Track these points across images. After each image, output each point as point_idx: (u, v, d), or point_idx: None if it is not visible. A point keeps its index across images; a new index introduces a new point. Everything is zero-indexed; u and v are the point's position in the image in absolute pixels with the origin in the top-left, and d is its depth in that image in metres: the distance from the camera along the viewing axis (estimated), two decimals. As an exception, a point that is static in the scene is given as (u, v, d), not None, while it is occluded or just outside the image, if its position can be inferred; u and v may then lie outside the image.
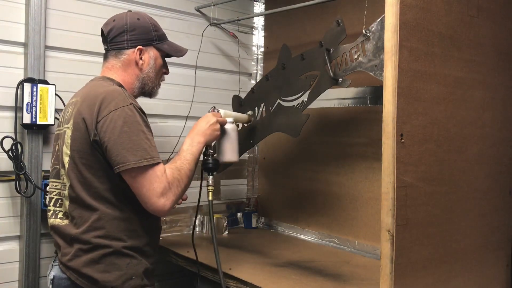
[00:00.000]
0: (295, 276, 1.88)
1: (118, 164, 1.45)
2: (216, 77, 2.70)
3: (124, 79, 1.68)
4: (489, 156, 1.70)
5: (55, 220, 1.59)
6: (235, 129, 1.93)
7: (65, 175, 1.55)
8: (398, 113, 1.36)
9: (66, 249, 1.54)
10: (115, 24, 1.68)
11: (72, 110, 1.59)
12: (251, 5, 2.88)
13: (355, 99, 2.31)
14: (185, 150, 1.63)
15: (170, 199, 1.49)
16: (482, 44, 1.66)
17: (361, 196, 2.27)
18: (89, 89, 1.62)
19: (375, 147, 2.18)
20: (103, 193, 1.52)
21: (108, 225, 1.51)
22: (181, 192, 1.54)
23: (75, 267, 1.50)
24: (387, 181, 1.36)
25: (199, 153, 1.67)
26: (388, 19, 1.38)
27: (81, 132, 1.51)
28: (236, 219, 2.77)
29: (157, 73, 1.75)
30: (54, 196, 1.62)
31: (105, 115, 1.47)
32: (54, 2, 2.11)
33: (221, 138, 1.87)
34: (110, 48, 1.70)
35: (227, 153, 1.89)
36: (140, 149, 1.46)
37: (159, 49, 1.74)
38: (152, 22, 1.74)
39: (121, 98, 1.51)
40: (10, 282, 2.01)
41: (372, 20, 1.69)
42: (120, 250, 1.52)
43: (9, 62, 2.01)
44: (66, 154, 1.55)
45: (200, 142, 1.68)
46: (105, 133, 1.46)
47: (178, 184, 1.52)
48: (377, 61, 1.67)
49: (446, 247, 1.54)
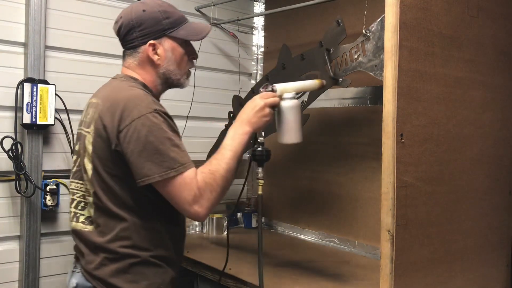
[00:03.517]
0: (295, 276, 1.88)
1: (143, 177, 1.36)
2: (216, 77, 2.70)
3: (145, 78, 1.56)
4: (489, 156, 1.70)
5: (77, 224, 1.51)
6: (294, 106, 1.59)
7: (88, 182, 1.47)
8: (398, 113, 1.36)
9: (90, 256, 1.46)
10: (123, 22, 1.54)
11: (93, 114, 1.48)
12: (251, 5, 2.88)
13: (355, 99, 2.31)
14: (225, 146, 1.47)
15: (203, 205, 1.39)
16: (482, 44, 1.66)
17: (361, 196, 2.27)
18: (110, 91, 1.51)
19: (375, 147, 2.17)
20: (128, 202, 1.44)
21: (135, 235, 1.44)
22: (217, 196, 1.42)
23: (102, 276, 1.43)
24: (387, 181, 1.36)
25: (243, 146, 1.48)
26: (388, 19, 1.38)
27: (102, 140, 1.42)
28: (236, 219, 2.77)
29: (179, 64, 1.58)
30: (77, 198, 1.53)
31: (127, 124, 1.37)
32: (54, 2, 2.11)
33: (278, 118, 1.60)
34: (125, 48, 1.58)
35: (287, 134, 1.61)
36: (167, 159, 1.36)
37: (175, 37, 1.55)
38: (162, 9, 1.54)
39: (144, 104, 1.40)
40: (10, 282, 2.02)
41: (372, 20, 1.69)
42: (147, 259, 1.46)
43: (9, 62, 2.01)
44: (88, 161, 1.46)
45: (244, 133, 1.49)
46: (128, 144, 1.36)
47: (211, 189, 1.40)
48: (377, 61, 1.67)
49: (446, 247, 1.54)
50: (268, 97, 1.55)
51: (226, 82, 2.73)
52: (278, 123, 1.61)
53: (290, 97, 1.58)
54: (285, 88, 1.58)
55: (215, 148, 2.37)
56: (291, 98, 1.58)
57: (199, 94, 2.53)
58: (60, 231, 2.15)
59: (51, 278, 2.12)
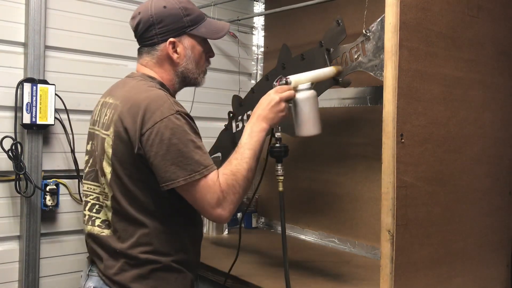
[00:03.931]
0: (295, 276, 1.88)
1: (167, 181, 1.34)
2: (216, 77, 2.70)
3: (162, 76, 1.53)
4: (489, 156, 1.70)
5: (93, 228, 1.49)
6: (311, 96, 1.54)
7: (107, 185, 1.44)
8: (398, 113, 1.36)
9: (110, 261, 1.44)
10: (141, 17, 1.50)
11: (111, 115, 1.44)
12: (251, 5, 2.88)
13: (355, 99, 2.31)
14: (243, 145, 1.44)
15: (226, 208, 1.37)
16: (482, 44, 1.66)
17: (361, 196, 2.27)
18: (129, 91, 1.46)
19: (375, 147, 2.17)
20: (148, 207, 1.41)
21: (155, 241, 1.42)
22: (239, 198, 1.41)
23: (123, 282, 1.41)
24: (387, 181, 1.36)
25: (260, 143, 1.46)
26: (388, 19, 1.38)
27: (123, 143, 1.39)
28: (236, 219, 2.77)
29: (197, 63, 1.56)
30: (91, 201, 1.51)
31: (150, 127, 1.34)
32: (54, 2, 2.11)
33: (295, 111, 1.55)
34: (142, 45, 1.55)
35: (304, 127, 1.55)
36: (191, 162, 1.34)
37: (195, 35, 1.53)
38: (183, 6, 1.51)
39: (166, 106, 1.37)
40: (10, 282, 2.02)
41: (372, 20, 1.69)
42: (169, 264, 1.44)
43: (9, 62, 2.01)
44: (107, 164, 1.43)
45: (261, 130, 1.46)
46: (151, 147, 1.34)
47: (234, 191, 1.38)
48: (377, 61, 1.67)
49: (446, 247, 1.54)
50: (283, 91, 1.51)
51: (226, 82, 2.73)
52: (294, 116, 1.56)
53: (305, 88, 1.54)
54: (299, 79, 1.54)
55: (215, 148, 2.38)
56: (307, 89, 1.53)
57: (199, 94, 2.53)
58: (60, 231, 2.15)
59: (51, 278, 2.12)
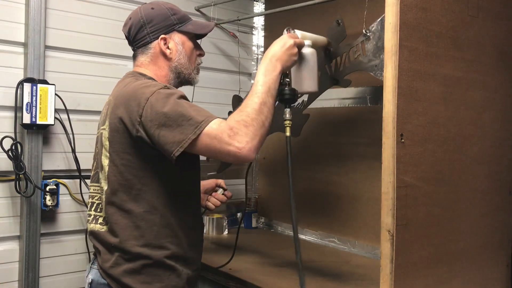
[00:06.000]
0: (295, 276, 1.88)
1: (178, 144, 1.34)
2: (216, 77, 2.70)
3: (157, 73, 1.60)
4: (489, 156, 1.70)
5: (95, 226, 1.54)
6: (314, 53, 1.62)
7: (104, 179, 1.50)
8: (398, 113, 1.36)
9: (106, 255, 1.49)
10: (132, 22, 1.61)
11: (106, 111, 1.53)
12: (251, 5, 2.88)
13: (355, 99, 2.31)
14: (256, 83, 1.42)
15: (242, 141, 1.31)
16: (482, 44, 1.66)
17: (361, 196, 2.27)
18: (120, 87, 1.54)
19: (375, 147, 2.17)
20: (144, 195, 1.46)
21: (147, 233, 1.46)
22: (254, 130, 1.34)
23: (116, 275, 1.46)
24: (387, 181, 1.36)
25: (275, 82, 1.44)
26: (388, 19, 1.38)
27: (119, 133, 1.45)
28: (236, 219, 2.77)
29: (189, 58, 1.64)
30: (96, 201, 1.57)
31: (144, 104, 1.39)
32: (54, 2, 2.11)
33: (299, 64, 1.59)
34: (136, 47, 1.63)
35: (306, 82, 1.60)
36: (192, 116, 1.35)
37: (184, 31, 1.63)
38: (169, 6, 1.63)
39: (153, 83, 1.46)
40: (10, 282, 2.01)
41: (372, 20, 1.69)
42: (161, 260, 1.46)
43: (9, 62, 2.01)
44: (105, 157, 1.49)
45: (275, 70, 1.44)
46: (151, 121, 1.37)
47: (245, 124, 1.33)
48: (377, 61, 1.67)
49: (446, 247, 1.54)
50: (295, 38, 1.54)
51: (226, 82, 2.73)
52: (298, 70, 1.59)
53: (308, 44, 1.60)
54: (305, 35, 1.60)
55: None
56: (309, 46, 1.60)
57: (199, 94, 2.52)
58: (60, 231, 2.15)
59: (51, 278, 2.12)
